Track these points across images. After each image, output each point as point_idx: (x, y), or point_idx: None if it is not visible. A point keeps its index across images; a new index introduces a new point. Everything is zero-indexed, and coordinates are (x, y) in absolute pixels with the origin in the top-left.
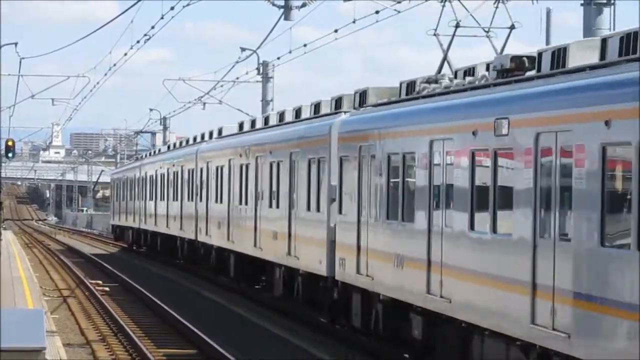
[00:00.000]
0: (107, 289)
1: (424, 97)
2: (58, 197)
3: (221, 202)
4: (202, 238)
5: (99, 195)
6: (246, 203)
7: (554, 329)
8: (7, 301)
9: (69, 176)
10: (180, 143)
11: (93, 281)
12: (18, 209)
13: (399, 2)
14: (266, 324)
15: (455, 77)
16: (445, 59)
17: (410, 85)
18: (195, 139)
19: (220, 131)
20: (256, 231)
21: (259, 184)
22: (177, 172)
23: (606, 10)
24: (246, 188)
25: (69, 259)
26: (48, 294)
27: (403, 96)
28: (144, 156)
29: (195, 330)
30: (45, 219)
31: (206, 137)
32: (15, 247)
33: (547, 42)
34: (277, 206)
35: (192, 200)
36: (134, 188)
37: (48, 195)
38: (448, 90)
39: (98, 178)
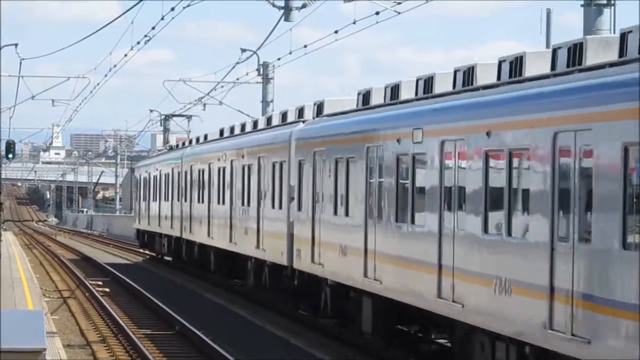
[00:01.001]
0: (107, 289)
1: None
2: (58, 198)
3: (347, 214)
4: (302, 265)
5: (99, 196)
6: (408, 220)
7: None
8: (7, 302)
9: (69, 177)
10: (243, 127)
11: (93, 282)
12: (18, 210)
13: (399, 3)
14: (266, 324)
15: None
16: None
17: None
18: (269, 120)
19: (320, 108)
20: (442, 272)
21: (453, 188)
22: (250, 167)
23: (606, 11)
24: (403, 196)
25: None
26: (48, 295)
27: None
28: (184, 144)
29: (196, 331)
30: (45, 220)
31: (290, 117)
32: (16, 248)
33: (547, 43)
34: (494, 229)
35: (280, 207)
36: (172, 185)
37: (48, 196)
38: None
39: (98, 179)
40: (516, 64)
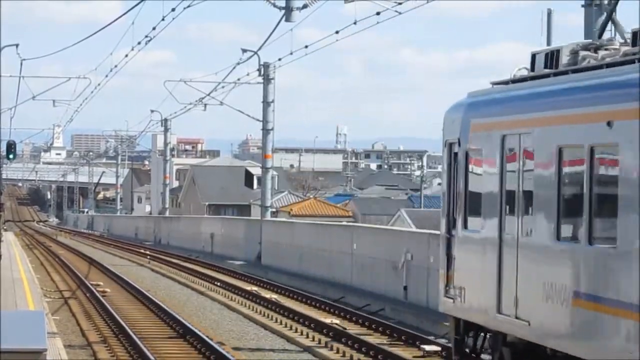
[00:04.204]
0: (107, 289)
1: None
2: (59, 198)
3: None
4: None
5: (100, 196)
6: None
7: None
8: (8, 302)
9: (70, 177)
10: None
11: (94, 282)
12: (19, 210)
13: (400, 4)
14: (267, 323)
15: None
16: None
17: None
18: None
19: None
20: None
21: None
22: None
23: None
24: None
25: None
26: (49, 295)
27: None
28: None
29: (196, 330)
30: (46, 220)
31: None
32: (17, 249)
33: (548, 44)
34: None
35: None
36: None
37: (49, 196)
38: None
39: (99, 179)
40: None
